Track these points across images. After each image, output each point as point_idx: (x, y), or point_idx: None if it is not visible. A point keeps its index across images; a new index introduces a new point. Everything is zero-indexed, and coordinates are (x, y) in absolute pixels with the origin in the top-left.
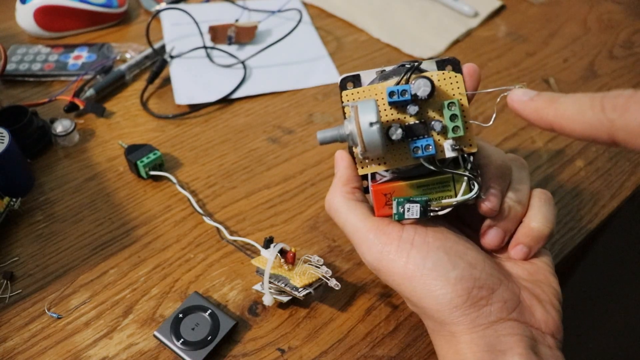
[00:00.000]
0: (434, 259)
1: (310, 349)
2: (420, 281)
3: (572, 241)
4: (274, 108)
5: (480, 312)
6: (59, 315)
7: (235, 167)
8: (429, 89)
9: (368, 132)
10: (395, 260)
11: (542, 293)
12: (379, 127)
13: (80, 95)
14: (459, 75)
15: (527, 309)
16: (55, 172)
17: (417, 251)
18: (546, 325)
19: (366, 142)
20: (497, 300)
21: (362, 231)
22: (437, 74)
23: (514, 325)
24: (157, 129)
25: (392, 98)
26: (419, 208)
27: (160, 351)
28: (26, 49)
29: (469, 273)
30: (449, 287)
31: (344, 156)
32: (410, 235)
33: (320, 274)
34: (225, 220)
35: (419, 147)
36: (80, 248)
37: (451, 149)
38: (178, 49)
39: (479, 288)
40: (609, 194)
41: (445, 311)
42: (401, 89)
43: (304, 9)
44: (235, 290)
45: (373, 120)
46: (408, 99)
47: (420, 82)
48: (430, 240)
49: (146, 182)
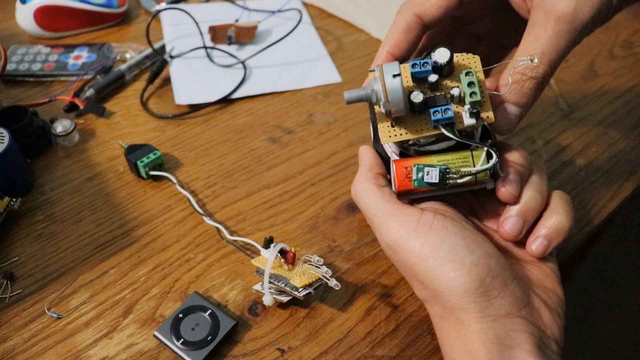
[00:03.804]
0: (451, 242)
1: (310, 349)
2: (435, 263)
3: (572, 241)
4: (274, 108)
5: (491, 303)
6: (58, 315)
7: (235, 167)
8: (448, 56)
9: (391, 83)
10: (413, 240)
11: (549, 300)
12: (400, 79)
13: (80, 95)
14: (477, 56)
15: (535, 310)
16: (55, 172)
17: (435, 233)
18: (551, 331)
19: (389, 92)
20: (509, 294)
21: (382, 213)
22: (456, 55)
23: (522, 323)
24: (157, 129)
25: (415, 69)
26: (438, 172)
27: (160, 351)
28: (26, 49)
29: (485, 261)
30: (464, 271)
31: (368, 149)
32: (430, 219)
33: (320, 274)
34: (225, 220)
35: (439, 110)
36: (80, 248)
37: (469, 114)
38: (178, 49)
39: (493, 277)
40: (609, 194)
41: (456, 295)
42: (423, 62)
43: (304, 9)
44: (235, 290)
45: (396, 72)
46: (429, 70)
47: (440, 50)
48: (448, 226)
49: (146, 182)
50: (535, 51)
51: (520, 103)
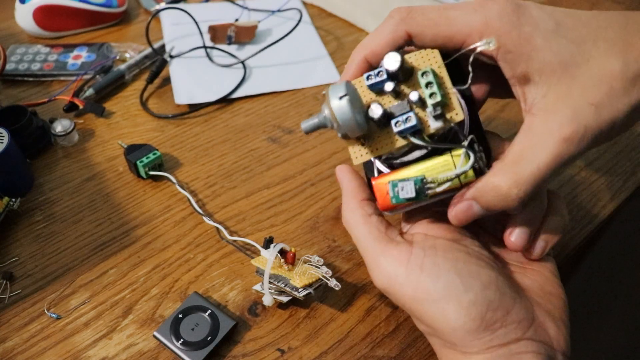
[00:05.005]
0: (445, 281)
1: (310, 349)
2: (431, 305)
3: (572, 241)
4: (273, 108)
5: (495, 335)
6: (58, 316)
7: (235, 167)
8: (399, 61)
9: (338, 106)
10: (405, 285)
11: (553, 308)
12: (348, 100)
13: (80, 95)
14: (435, 50)
15: (540, 326)
16: (54, 172)
17: (427, 274)
18: (558, 343)
19: (337, 116)
20: (512, 321)
21: (371, 253)
22: (414, 53)
23: (528, 344)
24: (156, 129)
25: (370, 81)
26: (413, 185)
27: (160, 351)
28: (25, 48)
29: (483, 295)
30: (462, 311)
31: (344, 169)
32: (419, 258)
33: (320, 274)
34: (225, 220)
35: (400, 120)
36: (79, 248)
37: (434, 118)
38: (178, 49)
39: (494, 310)
40: (609, 194)
41: (458, 335)
42: (377, 71)
43: (303, 9)
44: (235, 290)
45: (341, 94)
46: (385, 79)
47: (390, 55)
48: (440, 262)
49: (146, 182)
50: (534, 164)
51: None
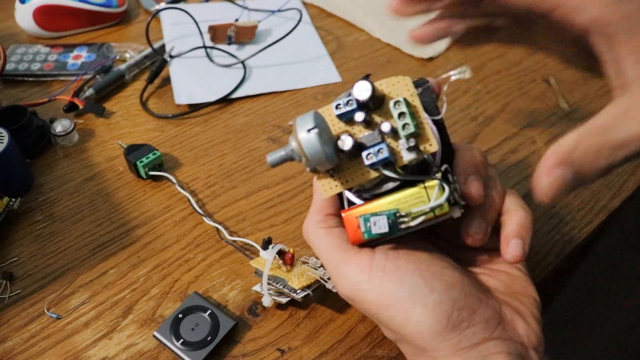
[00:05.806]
0: (409, 284)
1: (310, 349)
2: (397, 309)
3: (572, 241)
4: (273, 108)
5: (463, 335)
6: (58, 316)
7: (235, 167)
8: (369, 90)
9: (306, 139)
10: (369, 290)
11: (522, 305)
12: (317, 132)
13: (80, 95)
14: (407, 77)
15: (509, 324)
16: (54, 172)
17: (390, 279)
18: (529, 340)
19: (306, 150)
20: (479, 321)
21: (332, 262)
22: (385, 80)
23: (497, 344)
24: (156, 129)
25: (339, 110)
26: (386, 220)
27: (160, 351)
28: (25, 48)
29: (448, 295)
30: (428, 313)
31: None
32: (381, 263)
33: (319, 276)
34: (225, 220)
35: (371, 153)
36: (79, 248)
37: (407, 149)
38: (178, 49)
39: (459, 310)
40: (609, 194)
41: (426, 338)
42: (346, 100)
43: (304, 9)
44: (235, 290)
45: (310, 126)
46: (355, 108)
47: (359, 84)
48: (402, 265)
49: (146, 182)
50: (627, 132)
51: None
